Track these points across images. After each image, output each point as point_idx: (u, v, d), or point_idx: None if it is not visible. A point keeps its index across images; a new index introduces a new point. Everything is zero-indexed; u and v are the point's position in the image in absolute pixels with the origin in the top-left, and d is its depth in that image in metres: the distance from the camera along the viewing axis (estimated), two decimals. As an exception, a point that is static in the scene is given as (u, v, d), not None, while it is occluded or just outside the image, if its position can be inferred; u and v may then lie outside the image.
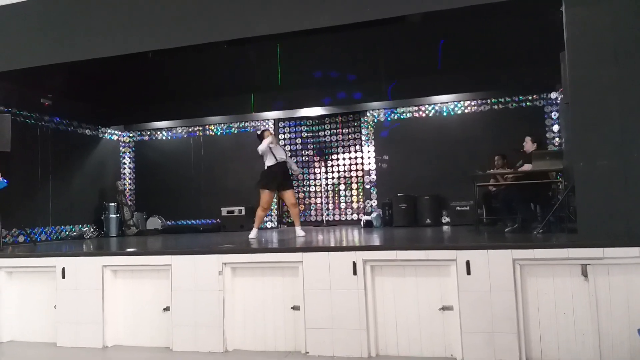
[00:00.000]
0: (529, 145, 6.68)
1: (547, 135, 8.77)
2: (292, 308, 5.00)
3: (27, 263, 5.92)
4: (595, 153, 4.69)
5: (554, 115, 8.77)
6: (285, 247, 5.62)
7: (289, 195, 7.18)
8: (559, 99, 8.26)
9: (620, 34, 4.69)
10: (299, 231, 7.09)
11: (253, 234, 7.04)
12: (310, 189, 10.41)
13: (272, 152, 7.10)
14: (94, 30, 6.27)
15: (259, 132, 7.64)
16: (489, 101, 9.17)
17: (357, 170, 10.13)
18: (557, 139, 8.68)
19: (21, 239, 8.11)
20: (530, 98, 8.94)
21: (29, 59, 6.56)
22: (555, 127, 8.72)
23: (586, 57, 4.79)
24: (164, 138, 11.05)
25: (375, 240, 6.24)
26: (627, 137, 4.62)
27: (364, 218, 9.26)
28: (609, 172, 4.62)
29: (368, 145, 9.86)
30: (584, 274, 4.31)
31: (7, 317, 5.92)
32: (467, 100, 9.26)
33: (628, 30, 4.68)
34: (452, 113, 9.40)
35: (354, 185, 10.14)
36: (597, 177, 4.66)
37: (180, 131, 10.91)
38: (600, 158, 4.66)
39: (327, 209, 10.25)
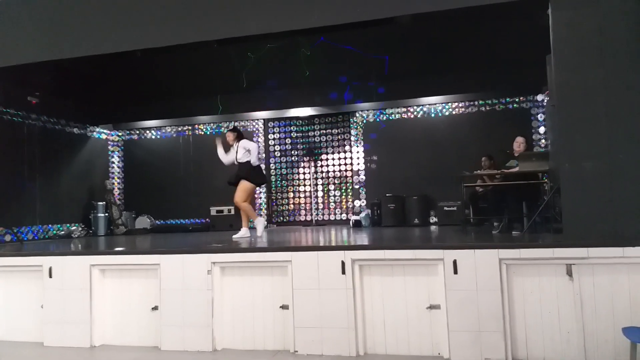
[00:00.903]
0: (523, 146, 6.65)
1: (534, 136, 8.87)
2: (281, 307, 5.02)
3: (14, 262, 5.87)
4: (580, 154, 4.76)
5: (540, 117, 8.87)
6: (274, 246, 5.63)
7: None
8: (545, 101, 8.35)
9: (606, 37, 4.76)
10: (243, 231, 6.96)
11: (238, 234, 6.98)
12: (300, 189, 10.43)
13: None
14: (83, 29, 6.25)
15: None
16: (476, 103, 9.26)
17: (346, 170, 10.16)
18: (543, 141, 8.79)
19: (8, 238, 8.03)
20: (517, 100, 9.05)
21: (17, 57, 6.51)
22: (542, 129, 8.83)
23: (572, 60, 4.85)
24: (153, 137, 11.01)
25: (364, 239, 6.28)
26: (612, 139, 4.69)
27: (353, 218, 9.30)
28: (594, 173, 4.69)
29: (357, 146, 9.90)
30: (569, 273, 4.38)
31: (-7, 316, 5.88)
32: (455, 102, 9.34)
33: (614, 33, 4.75)
34: (440, 114, 9.47)
35: (343, 185, 10.18)
36: (582, 178, 4.73)
37: (169, 130, 10.88)
38: (586, 159, 4.73)
39: (317, 208, 10.27)
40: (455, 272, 4.53)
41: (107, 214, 9.84)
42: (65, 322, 5.49)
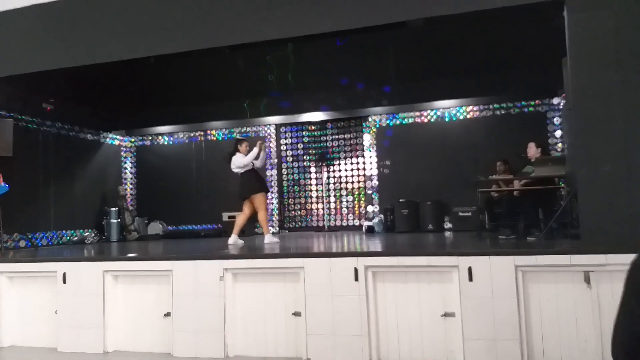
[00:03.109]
0: (533, 150, 6.67)
1: (550, 140, 8.75)
2: (293, 314, 4.98)
3: (28, 268, 5.91)
4: (598, 159, 4.68)
5: (557, 120, 8.76)
6: (287, 252, 5.61)
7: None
8: (562, 104, 8.25)
9: (622, 40, 4.69)
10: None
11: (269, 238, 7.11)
12: (312, 195, 10.40)
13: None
14: (97, 36, 6.30)
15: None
16: (491, 106, 9.16)
17: (358, 175, 10.12)
18: (559, 145, 8.67)
19: (22, 243, 8.11)
20: (532, 103, 8.93)
21: (31, 64, 6.59)
22: (558, 133, 8.72)
23: (588, 63, 4.79)
24: (166, 143, 11.06)
25: (377, 246, 6.23)
26: (630, 143, 4.61)
27: (366, 224, 9.24)
28: (612, 178, 4.61)
29: (370, 151, 9.85)
30: (587, 280, 4.29)
31: (8, 322, 5.91)
32: (469, 106, 9.26)
33: (630, 35, 4.68)
34: (454, 118, 9.39)
35: (356, 191, 10.13)
36: (600, 183, 4.65)
37: (181, 136, 10.93)
38: (603, 164, 4.65)
39: (329, 214, 10.24)
40: (471, 279, 4.47)
41: (119, 220, 9.90)
42: (78, 328, 5.51)
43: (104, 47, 6.30)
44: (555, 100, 8.57)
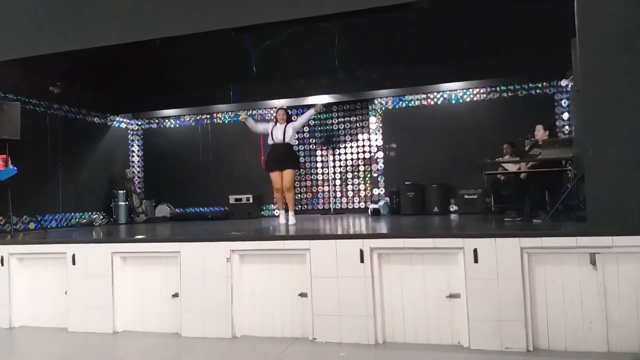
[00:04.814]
0: (540, 133, 6.64)
1: (557, 123, 8.69)
2: (299, 295, 5.04)
3: (38, 250, 6.00)
4: (605, 141, 4.63)
5: (564, 102, 8.68)
6: (293, 234, 5.64)
7: (286, 176, 7.20)
8: (569, 86, 8.18)
9: (632, 21, 4.61)
10: (292, 218, 7.22)
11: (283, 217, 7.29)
12: (318, 177, 10.41)
13: (270, 133, 7.29)
14: (103, 18, 6.28)
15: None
16: (498, 89, 9.09)
17: (364, 158, 10.11)
18: (567, 127, 8.61)
19: (32, 226, 8.20)
20: (540, 85, 8.85)
21: (38, 47, 6.57)
22: (565, 115, 8.65)
23: (597, 44, 4.72)
24: (172, 126, 11.08)
25: (383, 228, 6.25)
26: (637, 125, 4.56)
27: (372, 206, 9.26)
28: (619, 160, 4.57)
29: (376, 133, 9.83)
30: (593, 262, 4.30)
31: (18, 302, 6.02)
32: (476, 88, 9.19)
33: (640, 16, 4.61)
34: (460, 101, 9.33)
35: (362, 174, 10.13)
36: (607, 165, 4.61)
37: (188, 119, 10.94)
38: (611, 146, 4.61)
39: (335, 197, 10.25)
40: (476, 260, 4.49)
41: (127, 203, 9.97)
42: (88, 308, 5.60)
43: (110, 30, 6.28)
44: (563, 82, 8.49)
